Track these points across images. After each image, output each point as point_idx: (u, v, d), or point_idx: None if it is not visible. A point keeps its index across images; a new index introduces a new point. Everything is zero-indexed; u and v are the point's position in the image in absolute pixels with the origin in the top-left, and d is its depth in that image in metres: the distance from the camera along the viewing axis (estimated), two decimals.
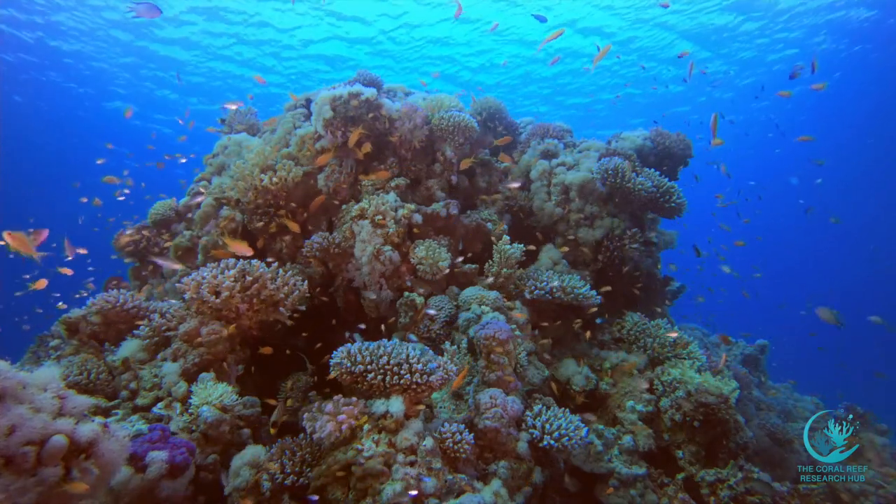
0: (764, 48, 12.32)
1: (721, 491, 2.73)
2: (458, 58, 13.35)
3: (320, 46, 12.65)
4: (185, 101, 15.67)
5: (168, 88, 14.79)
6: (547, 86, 14.70)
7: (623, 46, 12.34)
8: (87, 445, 1.37)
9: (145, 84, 14.49)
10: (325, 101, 3.44)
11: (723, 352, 5.67)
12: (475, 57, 13.29)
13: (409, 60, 13.39)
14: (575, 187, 3.86)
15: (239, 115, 4.70)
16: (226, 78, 14.26)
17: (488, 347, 2.68)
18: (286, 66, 13.63)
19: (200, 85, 14.60)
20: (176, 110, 16.03)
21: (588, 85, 14.46)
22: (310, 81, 14.31)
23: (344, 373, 2.24)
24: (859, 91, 14.21)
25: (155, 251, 4.10)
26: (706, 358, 3.40)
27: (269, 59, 13.20)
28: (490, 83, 14.66)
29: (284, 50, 12.75)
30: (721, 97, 15.17)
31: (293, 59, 13.25)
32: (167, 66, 13.52)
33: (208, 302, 2.62)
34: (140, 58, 12.95)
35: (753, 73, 13.61)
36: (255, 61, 13.33)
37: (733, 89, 14.57)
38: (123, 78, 14.24)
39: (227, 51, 12.76)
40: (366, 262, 3.25)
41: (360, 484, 2.04)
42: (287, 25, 11.65)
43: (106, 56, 12.91)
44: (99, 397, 2.45)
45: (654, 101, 15.48)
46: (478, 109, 4.51)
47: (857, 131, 17.45)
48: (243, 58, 13.14)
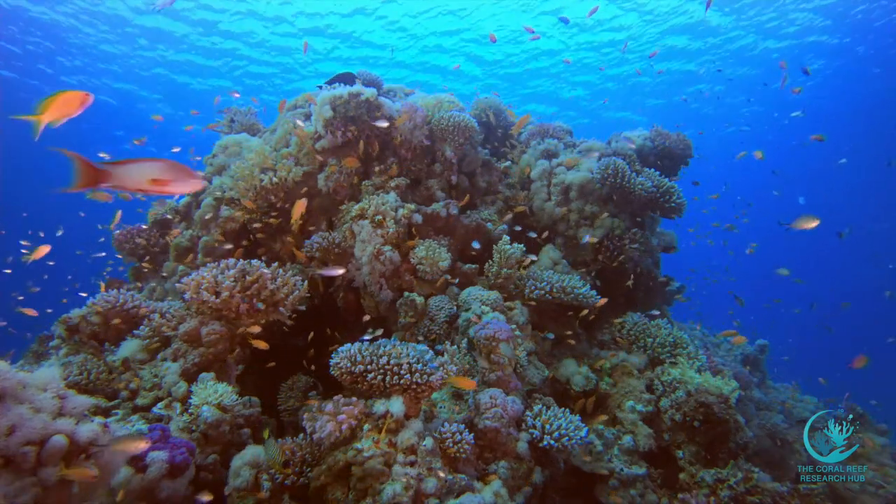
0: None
1: (721, 491, 2.73)
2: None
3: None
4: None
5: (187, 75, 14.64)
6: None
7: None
8: (87, 445, 1.37)
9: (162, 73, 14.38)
10: (325, 100, 3.44)
11: (723, 352, 5.67)
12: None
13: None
14: (575, 187, 3.86)
15: (239, 115, 4.71)
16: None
17: (488, 347, 2.68)
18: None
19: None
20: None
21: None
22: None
23: (344, 373, 2.25)
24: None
25: (154, 251, 4.10)
26: (706, 358, 3.40)
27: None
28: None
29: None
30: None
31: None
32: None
33: (208, 302, 2.62)
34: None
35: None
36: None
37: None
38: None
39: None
40: (366, 262, 3.25)
41: (360, 484, 2.04)
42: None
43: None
44: (99, 397, 2.45)
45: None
46: (478, 110, 4.52)
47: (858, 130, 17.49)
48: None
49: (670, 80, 14.35)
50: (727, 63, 13.35)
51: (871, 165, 17.99)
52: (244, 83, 14.65)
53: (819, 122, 15.77)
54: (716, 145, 17.59)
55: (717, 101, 15.31)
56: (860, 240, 29.31)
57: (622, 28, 11.93)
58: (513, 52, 13.28)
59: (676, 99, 15.18)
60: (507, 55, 13.44)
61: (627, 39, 12.24)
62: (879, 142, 17.38)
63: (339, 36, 12.47)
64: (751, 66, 13.42)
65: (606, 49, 12.80)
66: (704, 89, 14.82)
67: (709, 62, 13.34)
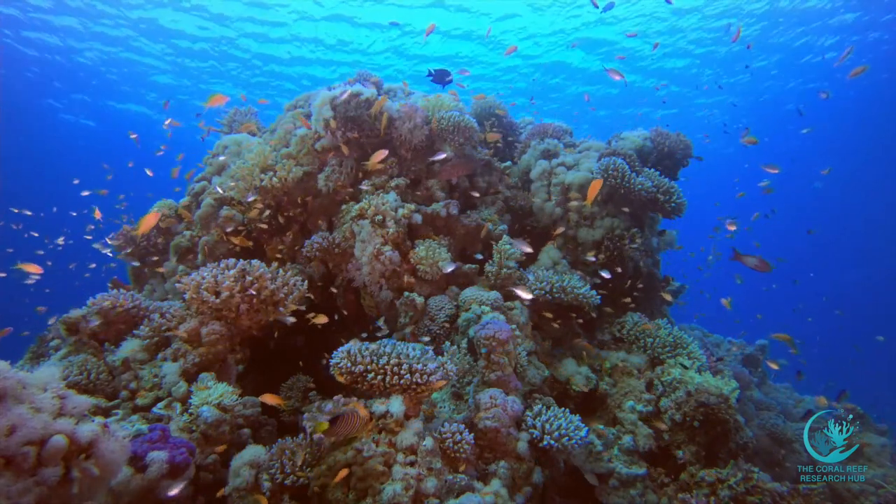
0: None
1: (721, 491, 2.72)
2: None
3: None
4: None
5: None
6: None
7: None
8: (87, 445, 1.37)
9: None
10: (325, 101, 3.44)
11: (723, 352, 5.67)
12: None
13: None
14: (575, 187, 3.86)
15: (239, 115, 4.71)
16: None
17: (488, 347, 2.68)
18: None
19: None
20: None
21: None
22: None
23: (344, 373, 2.24)
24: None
25: (154, 251, 4.09)
26: (706, 358, 3.40)
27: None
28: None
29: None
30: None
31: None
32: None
33: (208, 302, 2.62)
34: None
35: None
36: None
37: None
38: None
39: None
40: (366, 262, 3.25)
41: (361, 484, 2.04)
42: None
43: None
44: (99, 397, 2.45)
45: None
46: (477, 110, 4.52)
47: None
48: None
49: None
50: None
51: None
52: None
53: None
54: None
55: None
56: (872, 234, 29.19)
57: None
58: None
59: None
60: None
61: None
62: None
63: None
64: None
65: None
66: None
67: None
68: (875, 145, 18.69)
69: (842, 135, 17.55)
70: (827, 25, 11.41)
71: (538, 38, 12.62)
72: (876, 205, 26.95)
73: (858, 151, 19.62)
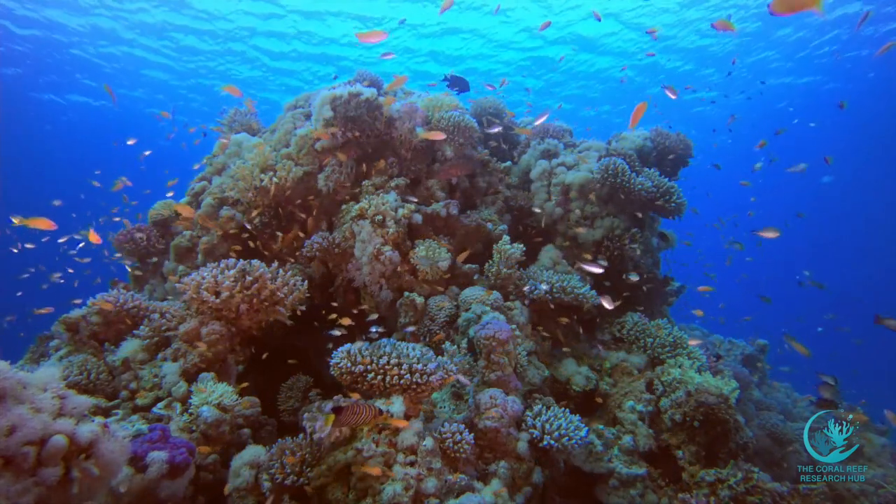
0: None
1: (721, 491, 2.72)
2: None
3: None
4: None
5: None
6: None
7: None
8: (87, 445, 1.37)
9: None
10: (325, 101, 3.44)
11: (722, 352, 5.67)
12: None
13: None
14: (575, 187, 3.86)
15: (239, 115, 4.70)
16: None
17: (488, 347, 2.68)
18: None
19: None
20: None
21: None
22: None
23: (344, 373, 2.24)
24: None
25: (154, 251, 4.09)
26: (706, 358, 3.39)
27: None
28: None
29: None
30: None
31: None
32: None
33: (208, 302, 2.62)
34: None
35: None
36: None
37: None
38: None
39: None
40: (366, 263, 3.25)
41: (360, 484, 2.04)
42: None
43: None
44: (99, 397, 2.45)
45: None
46: (477, 110, 4.51)
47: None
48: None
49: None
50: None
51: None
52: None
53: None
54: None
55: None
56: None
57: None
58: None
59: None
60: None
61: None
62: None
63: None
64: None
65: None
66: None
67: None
68: (876, 145, 18.69)
69: (845, 132, 17.54)
70: (827, 20, 11.40)
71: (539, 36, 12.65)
72: (876, 205, 26.93)
73: (859, 151, 19.62)
